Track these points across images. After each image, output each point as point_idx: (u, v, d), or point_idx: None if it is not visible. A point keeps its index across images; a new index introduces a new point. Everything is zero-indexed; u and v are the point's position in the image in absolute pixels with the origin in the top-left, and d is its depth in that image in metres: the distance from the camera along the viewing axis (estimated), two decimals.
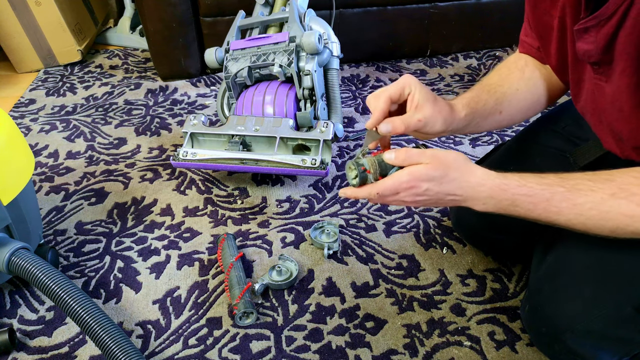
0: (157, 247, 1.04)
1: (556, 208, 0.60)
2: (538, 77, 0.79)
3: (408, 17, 1.74)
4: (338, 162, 1.29)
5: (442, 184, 0.63)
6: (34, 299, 0.92)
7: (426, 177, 0.62)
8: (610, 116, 0.65)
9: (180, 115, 1.53)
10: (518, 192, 0.62)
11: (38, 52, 1.80)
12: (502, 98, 0.78)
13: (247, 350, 0.83)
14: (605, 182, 0.58)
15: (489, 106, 0.78)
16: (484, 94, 0.78)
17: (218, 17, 1.63)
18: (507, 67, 0.82)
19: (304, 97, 1.19)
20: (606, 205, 0.57)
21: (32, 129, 1.46)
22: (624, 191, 0.57)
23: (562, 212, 0.60)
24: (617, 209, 0.57)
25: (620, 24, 0.55)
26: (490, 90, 0.79)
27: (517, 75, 0.80)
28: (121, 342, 0.72)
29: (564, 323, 0.67)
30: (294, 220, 1.11)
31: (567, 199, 0.59)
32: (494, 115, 0.78)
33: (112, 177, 1.25)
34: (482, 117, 0.78)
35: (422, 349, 0.83)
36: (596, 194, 0.58)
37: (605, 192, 0.57)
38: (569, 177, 0.61)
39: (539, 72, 0.80)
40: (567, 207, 0.60)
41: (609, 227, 0.59)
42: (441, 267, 0.98)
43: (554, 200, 0.60)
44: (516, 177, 0.63)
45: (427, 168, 0.62)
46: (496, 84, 0.80)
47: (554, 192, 0.60)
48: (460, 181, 0.63)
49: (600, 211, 0.58)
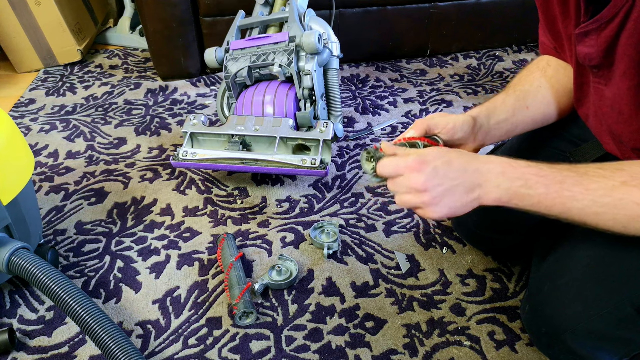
0: (157, 247, 1.04)
1: (570, 192, 0.57)
2: (563, 75, 0.78)
3: (408, 17, 1.74)
4: (338, 162, 1.29)
5: (450, 163, 0.60)
6: (34, 299, 0.92)
7: (432, 156, 0.60)
8: (610, 119, 0.65)
9: (180, 115, 1.53)
10: (529, 172, 0.59)
11: (38, 52, 1.80)
12: (524, 95, 0.78)
13: (247, 350, 0.83)
14: (615, 171, 0.57)
15: (509, 103, 0.77)
16: (502, 95, 0.78)
17: (218, 17, 1.63)
18: (527, 69, 0.82)
19: (304, 97, 1.19)
20: (619, 192, 0.55)
21: (32, 129, 1.46)
22: (635, 179, 0.55)
23: (576, 197, 0.57)
24: (630, 197, 0.55)
25: (621, 27, 0.55)
26: (508, 90, 0.79)
27: (538, 74, 0.80)
28: (121, 342, 0.72)
29: (564, 323, 0.67)
30: (294, 220, 1.11)
31: (579, 183, 0.57)
32: (521, 111, 0.77)
33: (112, 177, 1.25)
34: (506, 113, 0.76)
35: (422, 349, 0.83)
36: (608, 180, 0.56)
37: (616, 179, 0.56)
38: (579, 165, 0.59)
39: (563, 70, 0.78)
40: (581, 191, 0.57)
41: (623, 219, 0.56)
42: (441, 267, 0.98)
43: (566, 184, 0.57)
44: (525, 162, 0.60)
45: (432, 149, 0.61)
46: (515, 84, 0.80)
47: (566, 175, 0.58)
48: (468, 158, 0.61)
49: (613, 198, 0.55)
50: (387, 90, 1.64)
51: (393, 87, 1.65)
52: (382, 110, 1.53)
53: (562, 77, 0.78)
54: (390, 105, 1.55)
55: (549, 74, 0.79)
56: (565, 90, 0.77)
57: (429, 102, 1.57)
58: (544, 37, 0.80)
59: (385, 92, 1.63)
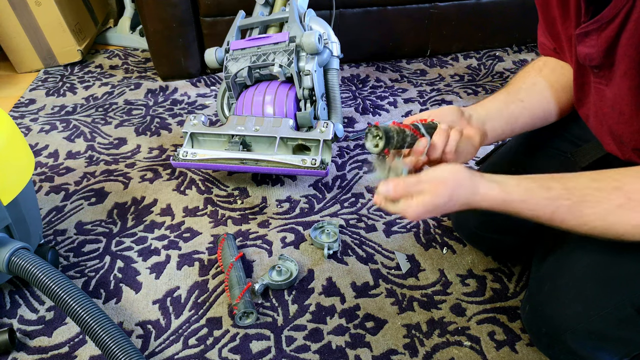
0: (157, 247, 1.04)
1: (560, 219, 0.61)
2: (560, 73, 0.78)
3: (408, 17, 1.74)
4: (338, 162, 1.29)
5: (446, 205, 0.62)
6: (34, 299, 0.92)
7: (432, 206, 0.62)
8: (610, 119, 0.65)
9: (180, 115, 1.53)
10: (521, 207, 0.62)
11: (38, 52, 1.80)
12: (516, 90, 0.79)
13: (247, 350, 0.83)
14: (613, 191, 0.57)
15: (499, 98, 0.78)
16: (497, 93, 0.80)
17: (218, 17, 1.63)
18: (523, 70, 0.83)
19: (304, 97, 1.19)
20: (613, 216, 0.57)
21: (32, 129, 1.46)
22: (632, 201, 0.56)
23: (566, 221, 0.60)
24: (625, 219, 0.56)
25: (621, 27, 0.55)
26: (500, 89, 0.80)
27: (534, 73, 0.80)
28: (121, 342, 0.72)
29: (565, 323, 0.67)
30: (294, 220, 1.11)
31: (571, 212, 0.59)
32: (515, 103, 0.77)
33: (112, 177, 1.25)
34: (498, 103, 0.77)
35: (422, 349, 0.83)
36: (602, 205, 0.57)
37: (612, 202, 0.57)
38: (576, 187, 0.60)
39: (560, 69, 0.79)
40: (573, 218, 0.60)
41: (614, 235, 0.58)
42: (441, 267, 0.98)
43: (558, 214, 0.60)
44: (521, 192, 0.62)
45: (432, 197, 0.61)
46: (509, 84, 0.81)
47: (558, 205, 0.60)
48: (465, 197, 0.63)
49: (606, 222, 0.58)
50: (387, 90, 1.64)
51: (393, 87, 1.65)
52: (382, 110, 1.53)
53: (559, 76, 0.78)
54: (390, 105, 1.55)
55: (545, 72, 0.79)
56: (563, 88, 0.77)
57: (429, 102, 1.57)
58: (543, 37, 0.80)
59: (385, 92, 1.63)
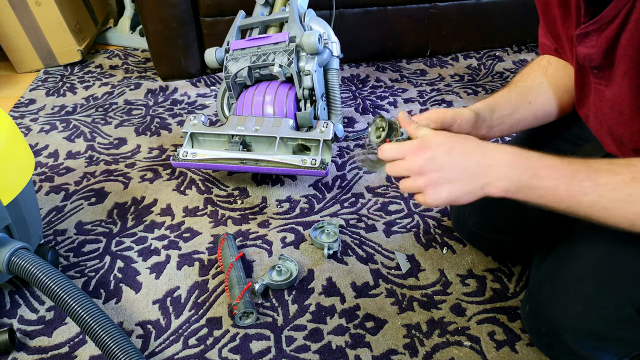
0: (157, 247, 1.04)
1: (579, 187, 0.57)
2: (563, 73, 0.78)
3: (408, 17, 1.74)
4: (338, 162, 1.29)
5: (450, 153, 0.60)
6: (34, 299, 0.92)
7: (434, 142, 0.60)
8: (610, 120, 0.65)
9: (180, 115, 1.53)
10: (539, 164, 0.59)
11: (38, 52, 1.80)
12: (526, 91, 0.78)
13: (247, 350, 0.83)
14: (624, 166, 0.56)
15: (512, 99, 0.77)
16: (504, 90, 0.79)
17: (218, 17, 1.63)
18: (529, 67, 0.82)
19: (304, 97, 1.19)
20: (628, 187, 0.55)
21: (32, 129, 1.46)
22: None
23: (585, 191, 0.57)
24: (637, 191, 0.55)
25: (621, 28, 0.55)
26: (510, 86, 0.79)
27: (540, 71, 0.80)
28: (121, 342, 0.72)
29: (565, 323, 0.67)
30: (294, 220, 1.11)
31: (589, 178, 0.57)
32: (524, 106, 0.77)
33: (112, 177, 1.25)
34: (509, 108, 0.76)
35: (422, 349, 0.83)
36: (618, 176, 0.56)
37: (626, 175, 0.55)
38: (590, 160, 0.59)
39: (563, 68, 0.78)
40: (590, 186, 0.56)
41: (631, 215, 0.56)
42: (441, 267, 0.98)
43: (576, 178, 0.57)
44: (536, 152, 0.60)
45: (439, 134, 0.61)
46: (517, 81, 0.80)
47: (576, 169, 0.58)
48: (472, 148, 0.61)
49: (623, 194, 0.55)
50: (387, 90, 1.64)
51: (393, 87, 1.65)
52: (382, 111, 1.53)
53: (562, 76, 0.78)
54: (390, 105, 1.55)
55: (550, 71, 0.79)
56: (565, 88, 0.78)
57: (429, 102, 1.57)
58: (544, 38, 0.80)
59: (385, 92, 1.63)
